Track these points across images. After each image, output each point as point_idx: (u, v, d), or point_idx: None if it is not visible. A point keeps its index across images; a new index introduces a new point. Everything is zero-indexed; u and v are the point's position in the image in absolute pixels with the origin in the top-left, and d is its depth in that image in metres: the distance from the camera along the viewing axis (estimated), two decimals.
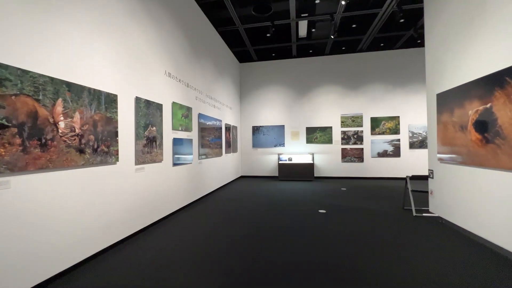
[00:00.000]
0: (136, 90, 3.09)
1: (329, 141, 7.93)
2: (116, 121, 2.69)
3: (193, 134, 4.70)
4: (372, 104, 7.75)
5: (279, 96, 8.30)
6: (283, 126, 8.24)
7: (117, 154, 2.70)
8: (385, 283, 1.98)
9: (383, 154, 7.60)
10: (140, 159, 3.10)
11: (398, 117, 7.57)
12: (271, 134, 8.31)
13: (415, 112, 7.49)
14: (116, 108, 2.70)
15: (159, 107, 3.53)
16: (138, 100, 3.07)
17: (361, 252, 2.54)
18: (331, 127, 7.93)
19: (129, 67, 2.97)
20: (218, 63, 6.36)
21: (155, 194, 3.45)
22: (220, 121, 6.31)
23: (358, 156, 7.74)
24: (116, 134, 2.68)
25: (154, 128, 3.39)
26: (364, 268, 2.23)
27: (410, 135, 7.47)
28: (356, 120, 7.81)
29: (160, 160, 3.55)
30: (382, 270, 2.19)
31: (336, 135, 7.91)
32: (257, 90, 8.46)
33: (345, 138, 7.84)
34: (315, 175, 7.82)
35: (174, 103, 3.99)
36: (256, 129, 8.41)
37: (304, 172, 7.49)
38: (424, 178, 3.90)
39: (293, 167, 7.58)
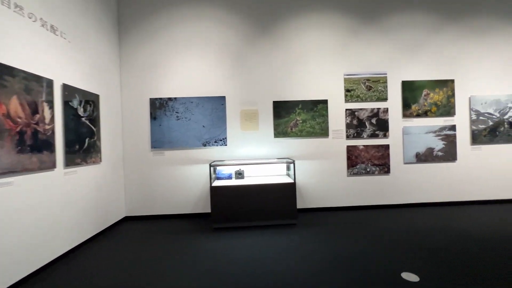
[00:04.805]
0: None
1: (323, 131, 3.71)
2: None
3: None
4: (405, 54, 3.81)
5: (213, 34, 3.67)
6: (223, 99, 3.66)
7: None
8: None
9: (426, 156, 3.77)
10: None
11: (452, 81, 3.82)
12: (195, 117, 3.63)
13: (485, 72, 3.85)
14: None
15: None
16: None
17: None
18: (325, 102, 3.71)
19: None
20: None
21: None
22: None
23: (380, 162, 3.74)
24: None
25: None
26: None
27: (474, 117, 3.82)
28: (376, 86, 3.78)
29: None
30: None
31: (337, 120, 3.75)
32: (161, 17, 3.64)
33: (354, 125, 3.75)
34: (298, 207, 3.51)
35: None
36: (160, 107, 3.61)
37: (275, 203, 3.09)
38: None
39: (248, 192, 3.09)
